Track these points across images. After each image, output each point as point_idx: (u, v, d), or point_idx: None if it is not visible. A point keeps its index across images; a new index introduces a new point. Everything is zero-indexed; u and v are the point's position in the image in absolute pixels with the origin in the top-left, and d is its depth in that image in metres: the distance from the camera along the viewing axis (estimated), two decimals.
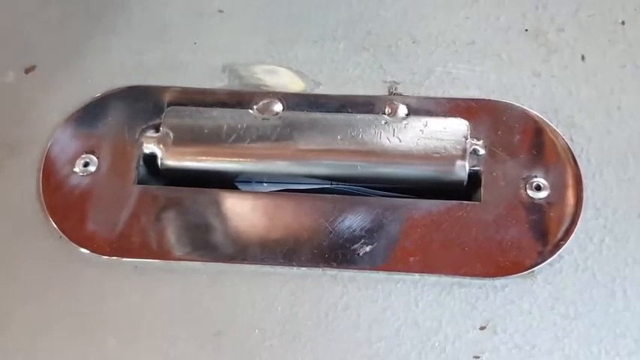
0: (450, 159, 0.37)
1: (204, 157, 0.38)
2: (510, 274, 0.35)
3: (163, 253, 0.36)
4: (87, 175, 0.38)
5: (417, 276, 0.35)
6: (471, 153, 0.37)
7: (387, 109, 0.38)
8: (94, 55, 0.41)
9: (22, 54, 0.42)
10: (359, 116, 0.38)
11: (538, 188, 0.36)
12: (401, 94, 0.39)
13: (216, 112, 0.39)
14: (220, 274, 0.36)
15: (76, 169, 0.38)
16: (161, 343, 0.35)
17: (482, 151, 0.37)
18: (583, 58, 0.40)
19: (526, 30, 0.40)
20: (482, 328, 0.34)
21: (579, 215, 0.36)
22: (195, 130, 0.38)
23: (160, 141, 0.38)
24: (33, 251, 0.37)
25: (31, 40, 0.42)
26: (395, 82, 0.40)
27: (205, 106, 0.39)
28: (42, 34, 0.42)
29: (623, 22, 0.40)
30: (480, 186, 0.37)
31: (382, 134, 0.37)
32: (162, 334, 0.35)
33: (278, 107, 0.39)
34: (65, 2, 0.43)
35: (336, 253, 0.36)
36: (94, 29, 0.42)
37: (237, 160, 0.38)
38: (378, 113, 0.38)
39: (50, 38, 0.42)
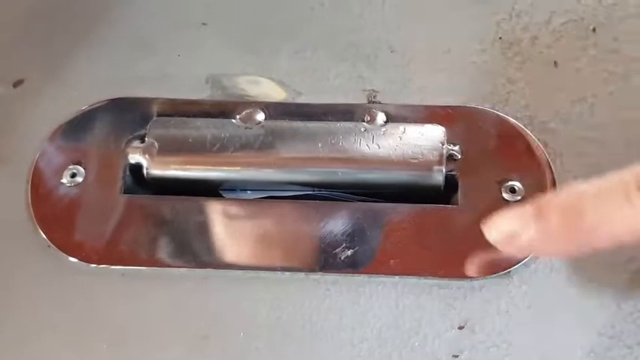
0: (427, 164, 0.37)
1: (188, 166, 0.39)
2: (487, 276, 0.36)
3: (150, 261, 0.37)
4: (74, 185, 0.39)
5: (397, 278, 0.36)
6: (447, 158, 0.38)
7: (367, 117, 0.39)
8: (81, 67, 0.42)
9: (10, 68, 0.42)
10: (339, 124, 0.39)
11: (513, 191, 0.37)
12: (379, 102, 0.40)
13: (200, 122, 0.39)
14: (206, 280, 0.36)
15: (64, 180, 0.39)
16: (150, 348, 0.35)
17: (458, 156, 0.38)
18: (556, 64, 0.40)
19: (500, 38, 0.41)
20: (460, 328, 0.35)
21: None
22: (180, 140, 0.39)
23: (145, 151, 0.38)
24: (22, 260, 0.37)
25: (19, 54, 0.43)
26: (374, 91, 0.40)
27: (189, 116, 0.40)
28: (30, 48, 0.43)
29: (594, 29, 0.41)
30: (457, 190, 0.38)
31: (362, 141, 0.38)
32: (151, 338, 0.36)
33: (260, 116, 0.39)
34: (52, 16, 0.44)
35: (319, 257, 0.37)
36: (81, 42, 0.43)
37: (221, 168, 0.38)
38: (357, 121, 0.39)
39: (38, 52, 0.43)
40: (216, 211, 0.38)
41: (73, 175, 0.39)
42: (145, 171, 0.38)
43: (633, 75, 0.40)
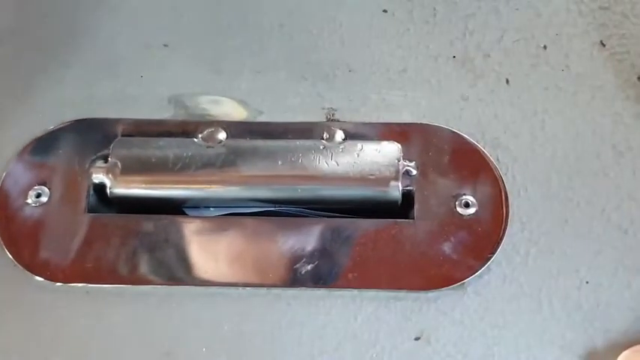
0: (384, 180, 0.38)
1: (151, 185, 0.39)
2: (442, 287, 0.37)
3: (114, 278, 0.37)
4: (39, 205, 0.39)
5: (355, 291, 0.37)
6: (403, 174, 0.38)
7: (325, 135, 0.40)
8: (46, 89, 0.42)
9: None
10: (298, 142, 0.40)
11: (467, 205, 0.38)
12: (338, 120, 0.41)
13: (162, 141, 0.40)
14: (169, 296, 0.37)
15: (29, 201, 0.39)
16: None
17: (414, 172, 0.39)
18: (508, 81, 0.42)
19: (454, 57, 0.42)
20: (416, 339, 0.36)
21: (506, 229, 0.38)
22: (143, 160, 0.39)
23: (108, 171, 0.39)
24: None
25: None
26: (332, 109, 0.41)
27: (152, 136, 0.40)
28: None
29: (545, 47, 0.42)
30: (414, 205, 0.38)
31: (320, 158, 0.39)
32: (115, 355, 0.36)
33: (222, 135, 0.40)
34: (17, 38, 0.44)
35: (280, 272, 0.37)
36: (46, 65, 0.43)
37: (183, 187, 0.39)
38: (316, 139, 0.40)
39: (3, 75, 0.43)
40: (179, 229, 0.39)
41: (38, 195, 0.39)
42: (108, 190, 0.39)
43: (582, 91, 0.41)
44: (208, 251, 0.38)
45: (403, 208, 0.39)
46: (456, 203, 0.38)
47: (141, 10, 0.45)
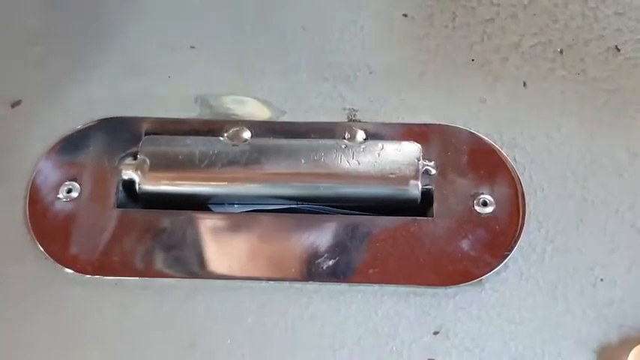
0: (404, 179, 0.39)
1: (178, 182, 0.40)
2: (461, 283, 0.37)
3: (141, 271, 0.38)
4: (70, 200, 0.40)
5: (375, 287, 0.38)
6: (423, 173, 0.39)
7: (347, 135, 0.41)
8: (76, 89, 0.44)
9: (8, 89, 0.44)
10: (321, 141, 0.41)
11: (485, 204, 0.39)
12: (359, 121, 0.42)
13: (189, 139, 0.41)
14: (194, 290, 0.38)
15: (60, 196, 0.40)
16: (140, 355, 0.37)
17: (433, 171, 0.40)
18: (525, 85, 0.42)
19: (472, 60, 0.43)
20: (435, 333, 0.37)
21: (523, 228, 0.38)
22: (170, 157, 0.40)
23: (137, 168, 0.40)
24: (21, 272, 0.39)
25: (17, 76, 0.44)
26: (353, 110, 0.42)
27: (179, 134, 0.41)
28: (27, 71, 0.44)
29: (561, 51, 0.43)
30: (433, 203, 0.39)
31: (342, 157, 0.40)
32: (141, 345, 0.37)
33: (247, 134, 0.41)
34: (49, 41, 0.45)
35: (302, 267, 0.38)
36: (76, 65, 0.44)
37: (209, 183, 0.40)
38: (338, 138, 0.41)
39: (35, 74, 0.44)
40: (204, 224, 0.40)
41: (69, 191, 0.40)
42: (137, 186, 0.40)
43: (597, 94, 0.42)
44: (232, 246, 0.39)
45: (422, 206, 0.40)
46: (474, 202, 0.39)
47: (167, 14, 0.46)
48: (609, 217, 0.39)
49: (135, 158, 0.41)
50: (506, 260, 0.38)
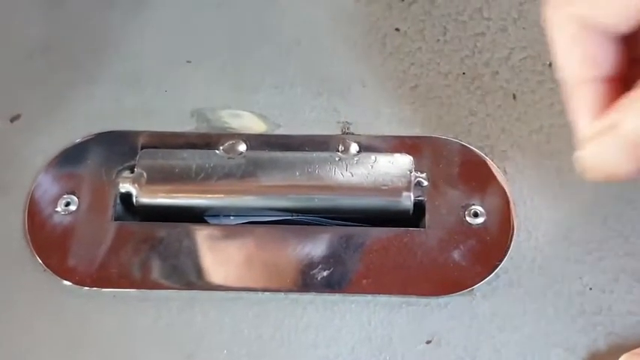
0: (396, 191, 0.40)
1: (175, 195, 0.41)
2: (452, 293, 0.38)
3: (139, 283, 0.39)
4: (68, 213, 0.41)
5: (369, 297, 0.38)
6: (415, 185, 0.40)
7: (341, 147, 0.41)
8: (74, 103, 0.44)
9: (7, 104, 0.44)
10: (315, 154, 0.41)
11: (476, 215, 0.40)
12: (353, 134, 0.42)
13: (185, 153, 0.41)
14: (191, 301, 0.38)
15: (58, 209, 0.41)
16: None
17: (425, 183, 0.40)
18: (515, 97, 0.43)
19: (464, 73, 0.44)
20: (428, 342, 0.37)
21: (513, 238, 0.39)
22: (167, 170, 0.41)
23: (134, 181, 0.41)
24: (20, 284, 0.39)
25: (16, 91, 0.45)
26: (347, 123, 0.43)
27: (176, 148, 0.42)
28: (26, 85, 0.45)
29: (550, 64, 0.44)
30: (425, 214, 0.40)
31: (336, 170, 0.41)
32: (140, 357, 0.37)
33: (242, 147, 0.42)
34: (48, 54, 0.46)
35: (297, 278, 0.39)
36: (74, 80, 0.45)
37: (205, 196, 0.41)
38: (332, 151, 0.41)
39: (34, 89, 0.45)
40: (201, 236, 0.40)
41: (67, 204, 0.41)
42: (134, 199, 0.41)
43: None
44: (228, 258, 0.40)
45: (415, 217, 0.40)
46: (465, 213, 0.40)
47: (166, 29, 0.47)
48: (597, 226, 0.39)
49: (132, 171, 0.41)
50: (496, 270, 0.38)
